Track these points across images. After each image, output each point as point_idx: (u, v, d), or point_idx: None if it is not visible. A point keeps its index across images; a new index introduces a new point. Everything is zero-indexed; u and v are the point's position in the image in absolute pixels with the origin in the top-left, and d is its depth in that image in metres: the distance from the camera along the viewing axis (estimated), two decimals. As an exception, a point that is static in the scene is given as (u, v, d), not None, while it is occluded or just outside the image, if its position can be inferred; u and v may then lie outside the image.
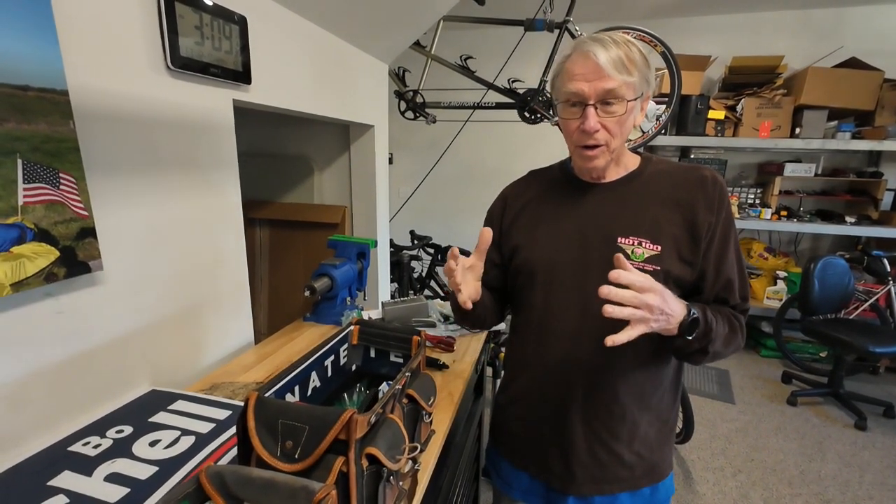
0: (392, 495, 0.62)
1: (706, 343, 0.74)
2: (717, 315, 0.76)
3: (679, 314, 0.69)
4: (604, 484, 0.85)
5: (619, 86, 0.72)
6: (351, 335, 0.88)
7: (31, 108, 0.69)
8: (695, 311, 0.70)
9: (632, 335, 0.65)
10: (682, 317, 0.69)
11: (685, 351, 0.77)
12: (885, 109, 3.06)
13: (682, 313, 0.70)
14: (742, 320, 0.80)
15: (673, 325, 0.69)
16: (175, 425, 0.81)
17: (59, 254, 0.74)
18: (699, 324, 0.71)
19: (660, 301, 0.65)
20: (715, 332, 0.74)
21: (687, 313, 0.70)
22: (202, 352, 1.14)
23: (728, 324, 0.78)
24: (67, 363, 0.81)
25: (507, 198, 0.95)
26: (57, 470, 0.68)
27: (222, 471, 0.47)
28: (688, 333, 0.70)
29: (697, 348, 0.75)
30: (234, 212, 1.21)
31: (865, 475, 2.13)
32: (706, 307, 0.75)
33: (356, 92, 1.79)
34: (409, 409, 0.72)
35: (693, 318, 0.70)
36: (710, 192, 0.78)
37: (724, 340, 0.77)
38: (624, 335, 0.64)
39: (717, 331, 0.74)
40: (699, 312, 0.72)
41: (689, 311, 0.70)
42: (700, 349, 0.75)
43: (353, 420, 0.53)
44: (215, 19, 1.03)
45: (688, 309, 0.70)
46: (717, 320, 0.75)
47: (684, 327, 0.70)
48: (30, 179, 0.69)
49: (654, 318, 0.66)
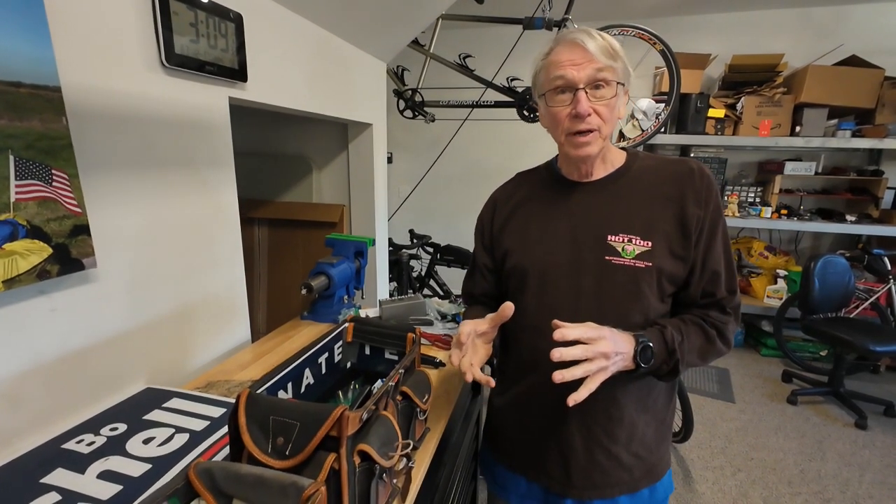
0: (385, 492, 0.62)
1: (674, 363, 0.74)
2: (685, 328, 0.76)
3: (629, 346, 0.70)
4: (604, 488, 0.84)
5: (607, 68, 0.73)
6: (345, 332, 0.88)
7: (24, 104, 0.69)
8: (647, 340, 0.71)
9: (592, 388, 0.67)
10: (631, 347, 0.71)
11: (654, 374, 0.77)
12: (885, 107, 3.05)
13: (632, 344, 0.71)
14: (726, 327, 0.79)
15: (626, 361, 0.70)
16: (169, 423, 0.80)
17: (52, 251, 0.74)
18: (653, 351, 0.72)
19: (611, 345, 0.67)
20: (680, 349, 0.74)
21: (636, 343, 0.71)
22: (198, 350, 1.14)
23: (703, 335, 0.77)
24: (61, 361, 0.81)
25: (496, 201, 0.94)
26: (50, 467, 0.68)
27: (211, 467, 0.47)
28: (643, 361, 0.71)
29: (666, 370, 0.75)
30: (230, 210, 1.20)
31: (865, 474, 2.12)
32: (668, 325, 0.76)
33: (354, 90, 1.79)
34: (404, 407, 0.72)
35: (643, 347, 0.71)
36: (697, 186, 0.78)
37: (698, 353, 0.77)
38: (585, 390, 0.66)
39: (684, 347, 0.74)
40: (655, 337, 0.73)
41: (638, 340, 0.71)
42: (669, 370, 0.75)
43: (344, 416, 0.52)
44: (210, 17, 1.02)
45: (636, 339, 0.71)
46: (683, 336, 0.75)
47: (638, 358, 0.71)
48: (22, 176, 0.69)
49: (612, 363, 0.68)
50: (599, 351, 0.66)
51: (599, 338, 0.67)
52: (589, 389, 0.66)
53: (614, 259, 0.78)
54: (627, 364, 0.71)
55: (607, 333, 0.68)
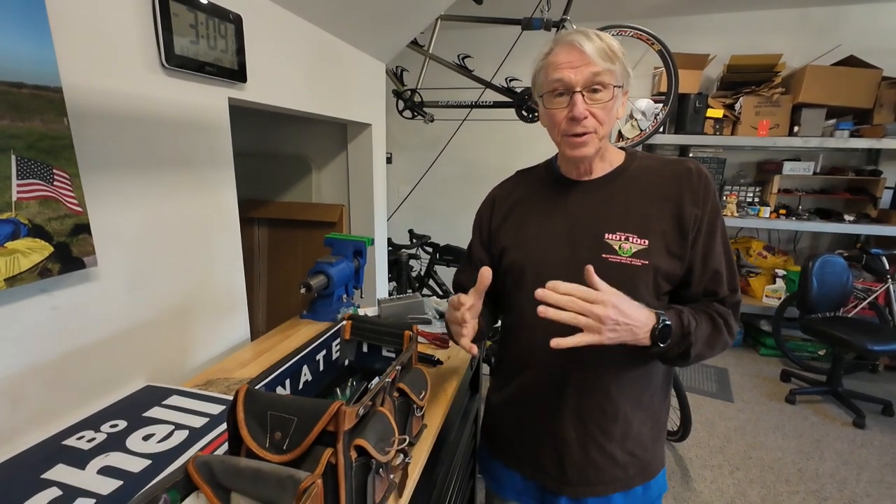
0: (381, 487, 0.63)
1: (686, 347, 0.74)
2: (697, 316, 0.76)
3: (646, 323, 0.69)
4: (598, 485, 0.85)
5: (605, 72, 0.73)
6: (343, 330, 0.89)
7: (26, 105, 0.70)
8: (666, 319, 0.71)
9: (579, 342, 0.65)
10: (650, 325, 0.70)
11: (665, 357, 0.77)
12: (883, 107, 3.05)
13: (650, 322, 0.70)
14: (730, 317, 0.79)
15: (641, 335, 0.69)
16: (169, 420, 0.81)
17: (54, 249, 0.75)
18: (671, 331, 0.71)
19: (613, 312, 0.65)
20: (695, 335, 0.74)
21: (657, 321, 0.70)
22: (198, 348, 1.15)
23: (711, 324, 0.77)
24: (62, 358, 0.82)
25: (495, 198, 0.95)
26: (51, 463, 0.68)
27: (210, 461, 0.48)
28: (660, 341, 0.70)
29: (677, 353, 0.75)
30: (230, 210, 1.21)
31: (863, 473, 2.13)
32: (684, 309, 0.75)
33: (353, 91, 1.80)
34: (400, 403, 0.73)
35: (664, 325, 0.70)
36: (695, 185, 0.78)
37: (706, 342, 0.76)
38: (570, 340, 0.65)
39: (698, 333, 0.74)
40: (673, 318, 0.72)
41: (659, 318, 0.70)
42: (680, 354, 0.75)
43: (341, 412, 0.53)
44: (210, 18, 1.03)
45: (657, 317, 0.70)
46: (697, 322, 0.75)
47: (656, 335, 0.70)
48: (24, 176, 0.70)
49: (610, 329, 0.66)
50: (591, 311, 0.65)
51: (599, 301, 0.65)
52: (575, 342, 0.65)
53: (611, 257, 0.78)
54: (639, 339, 0.69)
55: (613, 301, 0.66)
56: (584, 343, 0.66)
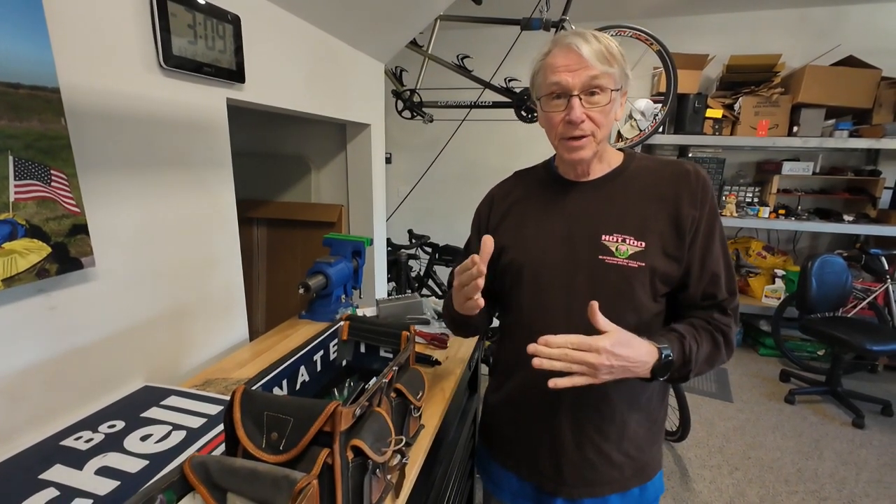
0: (378, 488, 0.63)
1: (686, 371, 0.75)
2: (699, 337, 0.76)
3: (646, 361, 0.70)
4: (594, 486, 0.84)
5: (602, 75, 0.73)
6: (341, 331, 0.89)
7: (23, 105, 0.70)
8: (669, 353, 0.71)
9: (574, 383, 0.67)
10: (650, 363, 0.70)
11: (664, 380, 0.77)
12: (882, 107, 3.06)
13: (651, 359, 0.70)
14: (730, 331, 0.79)
15: (640, 372, 0.70)
16: (167, 420, 0.81)
17: (51, 250, 0.75)
18: (673, 364, 0.72)
19: (607, 359, 0.66)
20: (695, 359, 0.74)
21: (659, 358, 0.71)
22: (196, 348, 1.15)
23: (711, 342, 0.78)
24: (61, 359, 0.82)
25: (493, 197, 0.95)
26: (48, 464, 0.69)
27: (206, 461, 0.48)
28: (660, 375, 0.71)
29: (676, 377, 0.76)
30: (228, 210, 1.21)
31: (862, 473, 2.13)
32: (686, 334, 0.75)
33: (352, 91, 1.80)
34: (398, 404, 0.73)
35: (666, 362, 0.71)
36: (693, 187, 0.78)
37: (705, 361, 0.77)
38: (565, 381, 0.67)
39: (699, 357, 0.75)
40: (676, 348, 0.73)
41: (662, 354, 0.71)
42: (680, 377, 0.76)
43: (337, 412, 0.53)
44: (208, 18, 1.03)
45: (660, 353, 0.71)
46: (698, 345, 0.75)
47: (657, 371, 0.71)
48: (21, 176, 0.70)
49: (605, 372, 0.67)
50: (584, 360, 0.66)
51: (591, 349, 0.66)
52: (571, 382, 0.67)
53: (608, 258, 0.78)
54: (642, 374, 0.71)
55: (605, 347, 0.66)
56: (579, 384, 0.67)
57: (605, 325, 0.68)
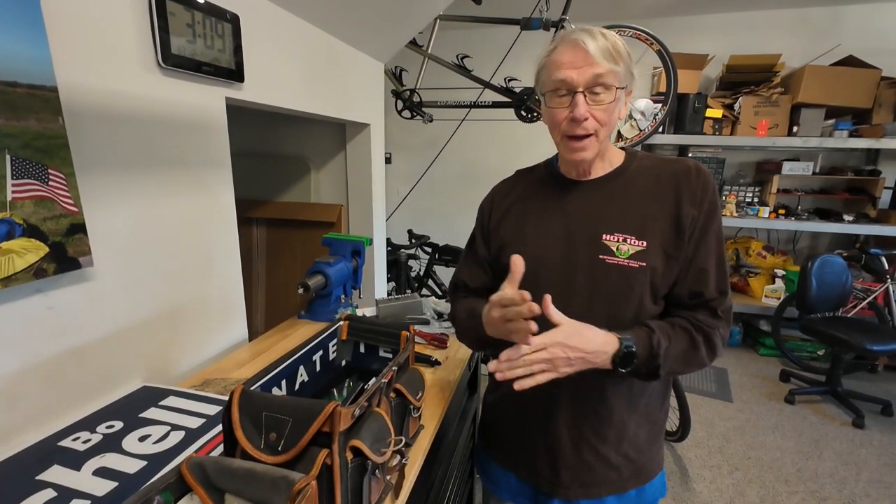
0: (378, 488, 0.63)
1: (654, 367, 0.74)
2: (673, 333, 0.75)
3: (603, 351, 0.70)
4: (591, 487, 0.84)
5: (608, 73, 0.72)
6: (340, 331, 0.89)
7: (21, 104, 0.69)
8: (629, 345, 0.71)
9: (538, 381, 0.68)
10: (608, 352, 0.71)
11: (633, 375, 0.76)
12: (882, 107, 3.05)
13: (608, 349, 0.71)
14: (714, 334, 0.76)
15: (599, 361, 0.71)
16: (165, 420, 0.81)
17: (49, 249, 0.74)
18: (635, 355, 0.71)
19: (560, 351, 0.68)
20: (664, 355, 0.73)
21: (618, 348, 0.71)
22: (196, 349, 1.15)
23: (688, 341, 0.76)
24: (59, 359, 0.81)
25: (494, 195, 0.95)
26: (46, 464, 0.68)
27: (204, 462, 0.48)
28: (622, 367, 0.71)
29: (644, 373, 0.75)
30: (227, 210, 1.21)
31: (862, 473, 2.13)
32: (656, 328, 0.74)
33: (351, 91, 1.80)
34: (397, 404, 0.73)
35: (626, 353, 0.71)
36: (693, 184, 0.78)
37: (680, 360, 0.75)
38: (529, 381, 0.68)
39: (669, 352, 0.74)
40: (641, 341, 0.72)
41: (622, 345, 0.71)
42: (648, 373, 0.75)
43: (336, 412, 0.53)
44: (207, 17, 1.03)
45: (620, 343, 0.71)
46: (670, 342, 0.74)
47: (617, 362, 0.71)
48: (18, 175, 0.69)
49: (564, 364, 0.69)
50: (540, 358, 0.68)
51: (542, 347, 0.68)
52: (535, 381, 0.68)
53: (608, 258, 0.78)
54: (602, 364, 0.71)
55: (558, 340, 0.68)
56: (543, 381, 0.69)
57: (557, 317, 0.69)
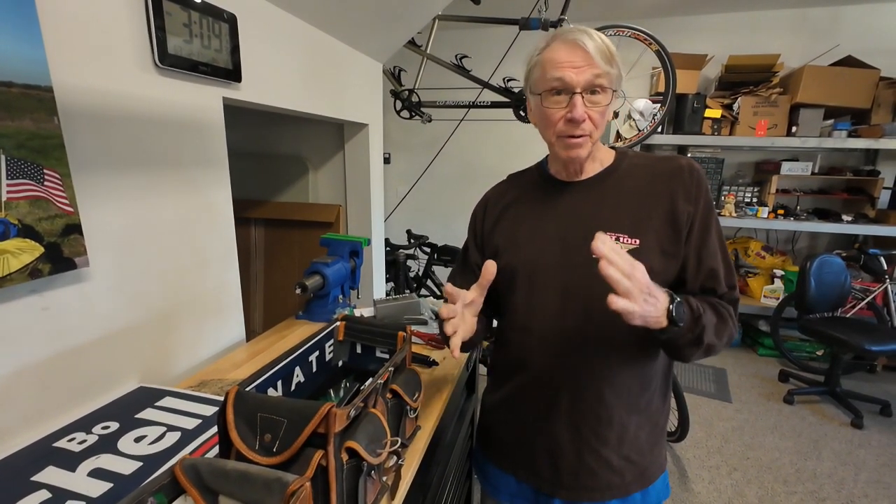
0: (373, 490, 0.63)
1: (699, 331, 0.71)
2: (702, 303, 0.73)
3: (663, 299, 0.67)
4: (594, 491, 0.83)
5: (604, 74, 0.72)
6: (337, 331, 0.89)
7: (15, 104, 0.69)
8: (678, 297, 0.68)
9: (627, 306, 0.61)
10: (666, 302, 0.67)
11: (677, 343, 0.72)
12: (881, 108, 3.06)
13: (666, 299, 0.67)
14: (731, 309, 0.77)
15: (660, 310, 0.66)
16: (161, 421, 0.81)
17: (44, 250, 0.74)
18: (684, 310, 0.68)
19: (643, 276, 0.63)
20: (705, 319, 0.71)
21: (670, 299, 0.67)
22: (192, 349, 1.14)
23: (716, 312, 0.75)
24: (54, 359, 0.81)
25: (487, 200, 0.95)
26: (41, 465, 0.68)
27: (197, 463, 0.47)
28: (678, 319, 0.67)
29: (690, 339, 0.71)
30: (224, 210, 1.21)
31: (861, 473, 2.13)
32: (689, 296, 0.73)
33: (349, 91, 1.80)
34: (393, 405, 0.73)
35: (678, 303, 0.67)
36: (687, 182, 0.78)
37: (715, 329, 0.73)
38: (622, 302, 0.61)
39: (707, 318, 0.72)
40: (683, 298, 0.70)
41: (672, 296, 0.68)
42: (693, 340, 0.71)
43: (331, 413, 0.53)
44: (204, 17, 1.03)
45: (670, 295, 0.68)
46: (703, 309, 0.72)
47: (672, 313, 0.66)
48: (13, 175, 0.69)
49: (643, 296, 0.62)
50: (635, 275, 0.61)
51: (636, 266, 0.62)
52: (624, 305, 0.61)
53: None
54: (658, 315, 0.65)
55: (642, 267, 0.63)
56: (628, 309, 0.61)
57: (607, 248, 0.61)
